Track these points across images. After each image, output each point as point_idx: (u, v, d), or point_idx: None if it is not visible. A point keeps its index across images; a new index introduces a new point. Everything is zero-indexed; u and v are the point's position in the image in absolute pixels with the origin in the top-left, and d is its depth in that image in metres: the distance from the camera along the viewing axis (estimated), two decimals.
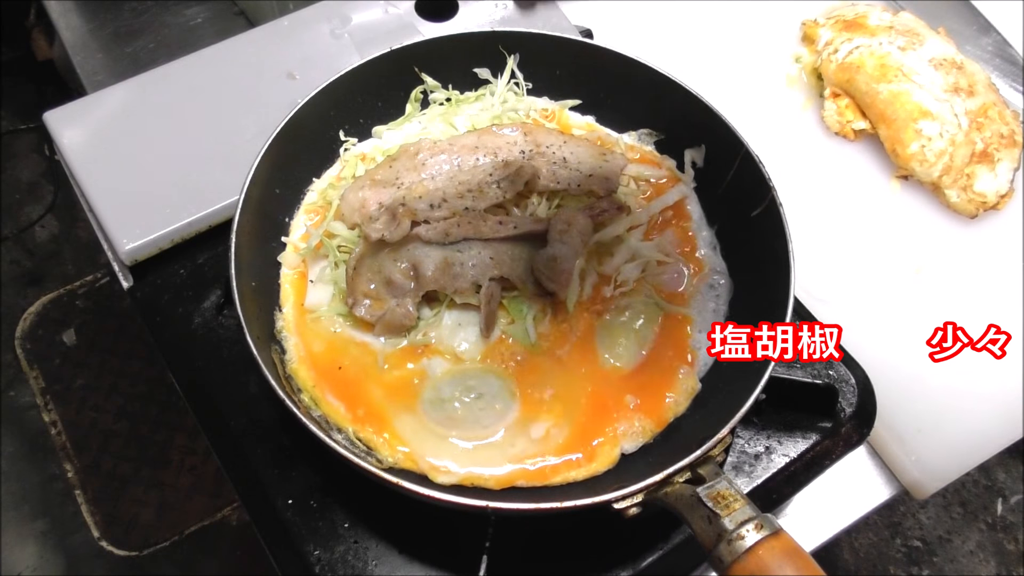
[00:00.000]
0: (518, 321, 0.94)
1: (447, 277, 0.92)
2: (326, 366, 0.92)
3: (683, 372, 0.94)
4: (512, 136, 1.04)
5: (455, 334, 0.94)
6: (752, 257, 0.99)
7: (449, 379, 0.91)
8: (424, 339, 0.93)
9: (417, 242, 0.93)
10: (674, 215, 1.06)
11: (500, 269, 0.93)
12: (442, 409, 0.89)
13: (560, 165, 1.02)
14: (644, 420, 0.91)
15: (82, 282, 2.51)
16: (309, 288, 0.98)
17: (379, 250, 0.94)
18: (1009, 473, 2.34)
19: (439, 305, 0.95)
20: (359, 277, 0.93)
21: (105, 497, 2.15)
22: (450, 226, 0.94)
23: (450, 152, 1.02)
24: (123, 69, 1.36)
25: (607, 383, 0.92)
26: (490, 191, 0.98)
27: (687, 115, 1.05)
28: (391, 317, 0.92)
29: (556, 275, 0.91)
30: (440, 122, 1.10)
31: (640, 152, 1.11)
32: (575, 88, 1.14)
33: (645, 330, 0.96)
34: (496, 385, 0.91)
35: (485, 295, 0.92)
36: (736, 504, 0.74)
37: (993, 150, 1.21)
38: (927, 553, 2.24)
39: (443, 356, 0.93)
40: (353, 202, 0.98)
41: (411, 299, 0.92)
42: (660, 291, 0.99)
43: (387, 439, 0.88)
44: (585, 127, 1.14)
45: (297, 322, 0.96)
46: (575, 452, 0.88)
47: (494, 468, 0.87)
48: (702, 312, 0.99)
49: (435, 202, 0.96)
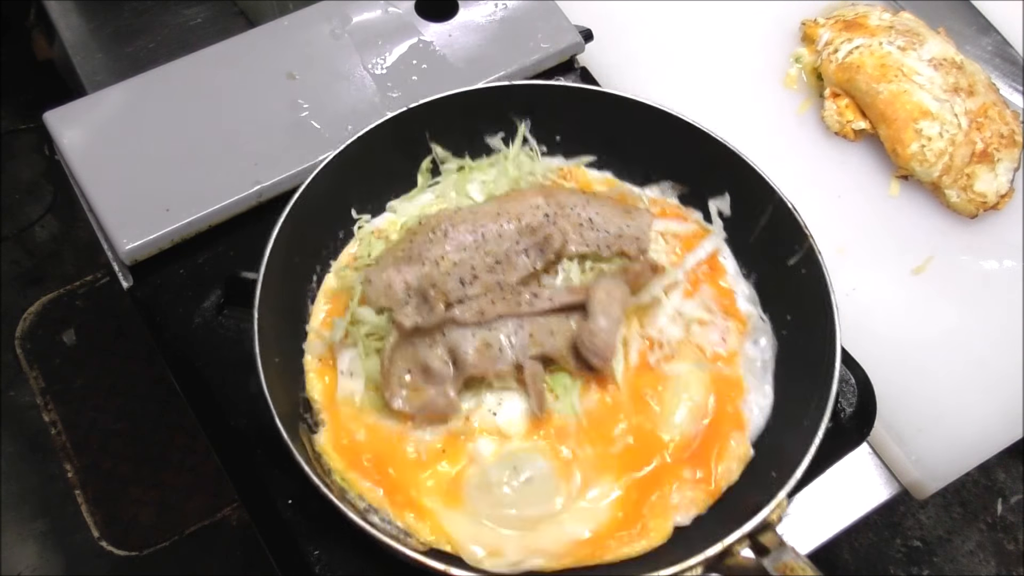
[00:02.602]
0: (563, 397, 0.90)
1: (487, 360, 0.88)
2: (360, 457, 0.88)
3: (735, 439, 0.91)
4: (533, 200, 1.00)
5: (499, 414, 0.90)
6: (792, 307, 0.97)
7: (496, 461, 0.87)
8: (467, 426, 0.89)
9: (452, 325, 0.89)
10: (709, 269, 1.02)
11: (542, 347, 0.89)
12: (490, 494, 0.86)
13: (587, 227, 0.98)
14: (696, 490, 0.88)
15: (82, 282, 2.51)
16: (340, 379, 0.94)
17: (413, 337, 0.89)
18: (1009, 473, 2.34)
19: (479, 387, 0.91)
20: (394, 367, 0.88)
21: (105, 497, 2.15)
22: (485, 304, 0.89)
23: (473, 221, 0.97)
24: (123, 69, 1.36)
25: (659, 454, 0.89)
26: (519, 261, 0.94)
27: (712, 162, 1.02)
28: (433, 408, 0.87)
29: (601, 350, 0.87)
30: (454, 192, 1.07)
31: (664, 206, 1.07)
32: (587, 142, 1.11)
33: (696, 397, 0.92)
34: (544, 467, 0.87)
35: (530, 376, 0.88)
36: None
37: (993, 150, 1.21)
38: (927, 553, 2.24)
39: (488, 436, 0.89)
40: (378, 285, 0.93)
41: (451, 386, 0.88)
42: (705, 352, 0.95)
43: (430, 526, 0.85)
44: (605, 183, 1.10)
45: (328, 411, 0.92)
46: (629, 528, 0.85)
47: (546, 550, 0.83)
48: (750, 371, 0.96)
49: (466, 278, 0.92)
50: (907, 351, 1.12)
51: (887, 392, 1.04)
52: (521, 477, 0.86)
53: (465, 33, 1.25)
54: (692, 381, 0.93)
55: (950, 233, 1.22)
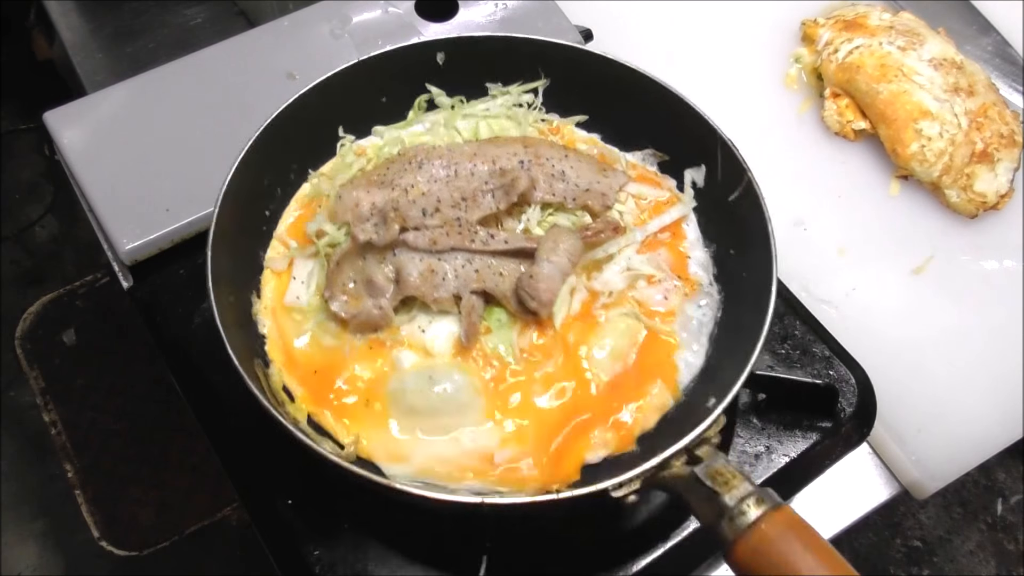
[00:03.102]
0: (496, 332, 0.93)
1: (428, 285, 0.92)
2: (297, 355, 0.93)
3: (657, 387, 0.92)
4: (513, 147, 1.03)
5: (427, 331, 0.93)
6: (739, 276, 0.98)
7: (415, 371, 0.91)
8: (395, 335, 0.93)
9: (403, 247, 0.93)
10: (670, 235, 1.04)
11: (484, 283, 0.92)
12: (404, 399, 0.89)
13: (558, 178, 1.01)
14: (610, 431, 0.89)
15: (82, 282, 2.51)
16: (292, 283, 0.98)
17: (365, 251, 0.94)
18: (1009, 473, 2.34)
19: (414, 305, 0.95)
20: (340, 273, 0.93)
21: (105, 497, 2.15)
22: (439, 235, 0.93)
23: (448, 157, 1.01)
24: (123, 69, 1.36)
25: (576, 391, 0.91)
26: (484, 200, 0.97)
27: (693, 135, 1.03)
28: (367, 316, 0.92)
29: (539, 295, 0.90)
30: (443, 127, 1.09)
31: (642, 171, 1.09)
32: (582, 102, 1.12)
33: (622, 342, 0.94)
34: (461, 381, 0.90)
35: (466, 307, 0.91)
36: (735, 480, 0.73)
37: (993, 150, 1.21)
38: (927, 553, 2.24)
39: (413, 350, 0.92)
40: (347, 202, 0.98)
41: (389, 301, 0.92)
42: (644, 307, 0.97)
43: (346, 425, 0.89)
44: (588, 142, 1.11)
45: (274, 311, 0.96)
46: (539, 457, 0.87)
47: (450, 459, 0.87)
48: (685, 328, 0.97)
49: (428, 209, 0.96)
50: (907, 351, 1.12)
51: (887, 392, 1.05)
52: (436, 388, 0.89)
53: (465, 33, 1.25)
54: (621, 328, 0.95)
55: (950, 233, 1.22)
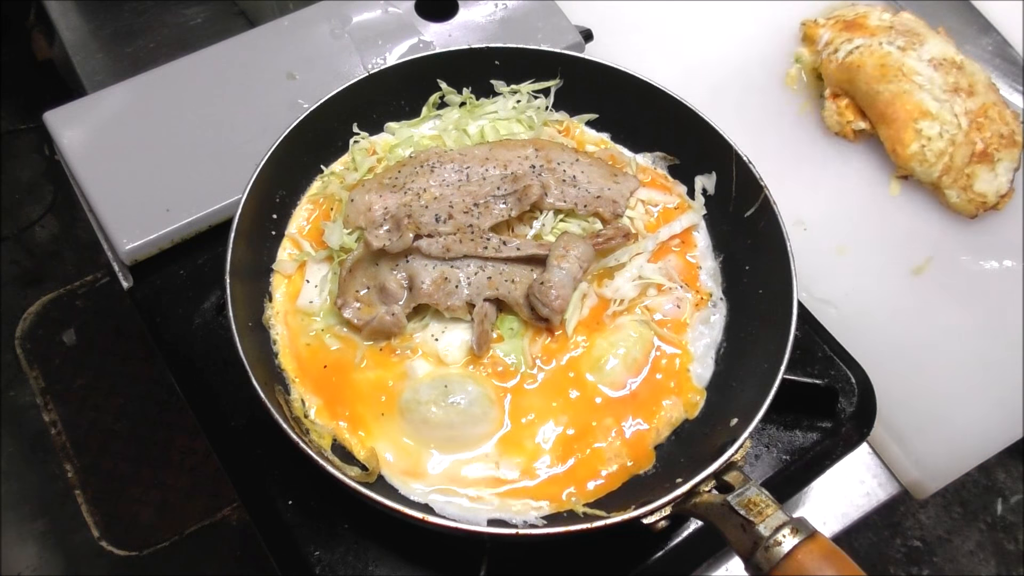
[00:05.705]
0: (508, 340, 0.93)
1: (441, 293, 0.91)
2: (310, 361, 0.93)
3: (669, 402, 0.92)
4: (524, 150, 1.02)
5: (441, 339, 0.93)
6: (754, 291, 0.98)
7: (429, 381, 0.90)
8: (408, 343, 0.92)
9: (417, 254, 0.93)
10: (680, 242, 1.04)
11: (497, 290, 0.92)
12: (418, 411, 0.88)
13: (570, 183, 1.00)
14: (624, 449, 0.89)
15: (82, 282, 2.51)
16: (305, 287, 0.97)
17: (378, 257, 0.93)
18: (1009, 473, 2.34)
19: (427, 313, 0.94)
20: (352, 280, 0.93)
21: (105, 497, 2.15)
22: (451, 242, 0.93)
23: (461, 161, 1.01)
24: (123, 69, 1.36)
25: (591, 408, 0.91)
26: (496, 207, 0.97)
27: (705, 143, 1.03)
28: (379, 324, 0.91)
29: (550, 301, 0.90)
30: (453, 127, 1.09)
31: (652, 175, 1.09)
32: (592, 104, 1.12)
33: (634, 352, 0.94)
34: (475, 392, 0.89)
35: (479, 315, 0.91)
36: (768, 510, 0.73)
37: (993, 150, 1.21)
38: (927, 553, 2.24)
39: (426, 358, 0.92)
40: (360, 205, 0.97)
41: (402, 308, 0.92)
42: (653, 314, 0.97)
43: (361, 437, 0.88)
44: (599, 143, 1.11)
45: (286, 315, 0.96)
46: (554, 471, 0.87)
47: (470, 489, 0.86)
48: (696, 341, 0.97)
49: (442, 215, 0.95)
50: (907, 351, 1.12)
51: (887, 392, 1.05)
52: (450, 399, 0.88)
53: (465, 33, 1.25)
54: (634, 337, 0.95)
55: (950, 233, 1.22)
